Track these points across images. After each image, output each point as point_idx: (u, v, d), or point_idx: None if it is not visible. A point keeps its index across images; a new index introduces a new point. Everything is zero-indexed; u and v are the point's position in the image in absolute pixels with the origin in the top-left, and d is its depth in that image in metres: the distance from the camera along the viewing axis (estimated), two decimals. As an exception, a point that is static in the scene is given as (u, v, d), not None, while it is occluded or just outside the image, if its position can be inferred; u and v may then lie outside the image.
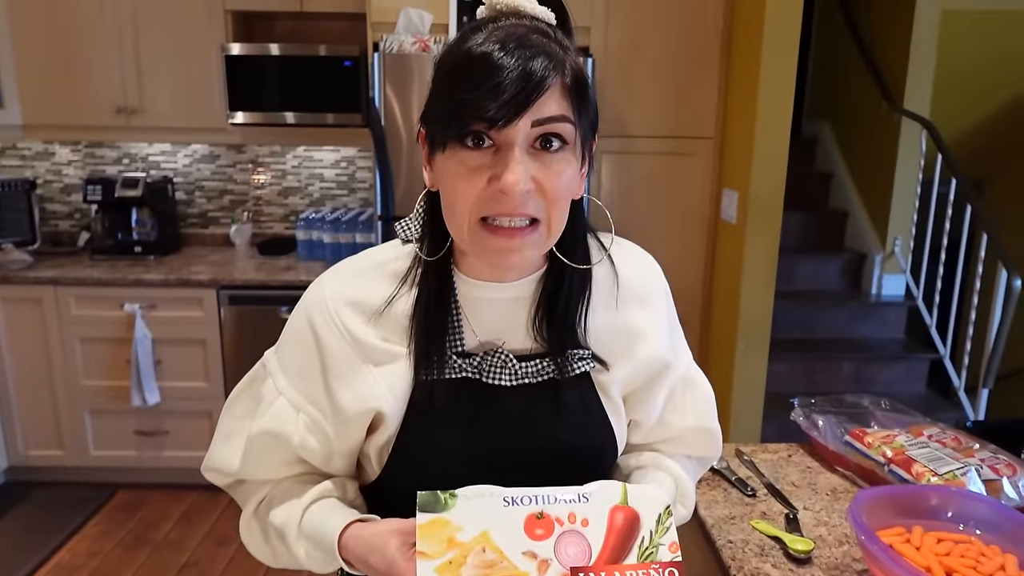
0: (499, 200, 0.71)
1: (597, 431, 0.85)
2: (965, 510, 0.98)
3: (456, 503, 0.71)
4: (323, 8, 2.93)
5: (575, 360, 0.82)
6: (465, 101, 0.68)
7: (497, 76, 0.67)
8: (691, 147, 2.85)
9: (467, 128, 0.70)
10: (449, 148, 0.72)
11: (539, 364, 0.82)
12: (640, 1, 2.72)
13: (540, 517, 0.72)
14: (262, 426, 0.83)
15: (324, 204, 3.41)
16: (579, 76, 0.74)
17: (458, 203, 0.73)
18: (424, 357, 0.80)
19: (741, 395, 2.74)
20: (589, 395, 0.85)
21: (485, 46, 0.69)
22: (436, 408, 0.80)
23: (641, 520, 0.73)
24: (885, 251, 3.78)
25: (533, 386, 0.82)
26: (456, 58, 0.72)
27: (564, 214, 0.76)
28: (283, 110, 2.92)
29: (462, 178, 0.72)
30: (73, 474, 3.04)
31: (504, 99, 0.67)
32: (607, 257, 0.87)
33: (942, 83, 3.66)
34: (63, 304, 2.83)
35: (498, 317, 0.83)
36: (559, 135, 0.72)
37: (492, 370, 0.81)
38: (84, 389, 2.92)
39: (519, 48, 0.69)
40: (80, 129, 3.07)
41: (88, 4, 2.90)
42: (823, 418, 1.34)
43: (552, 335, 0.82)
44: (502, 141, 0.70)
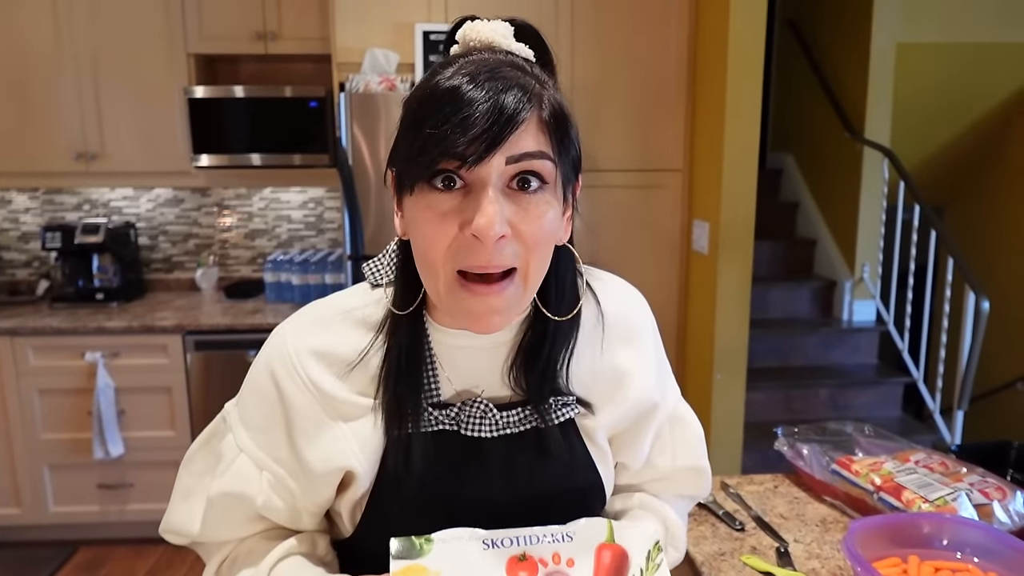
0: (473, 249, 0.64)
1: (583, 478, 0.81)
2: (960, 537, 0.95)
3: (432, 548, 0.67)
4: (288, 50, 2.92)
5: (559, 407, 0.77)
6: (432, 137, 0.62)
7: (466, 109, 0.61)
8: (660, 180, 2.87)
9: (434, 166, 0.63)
10: (418, 191, 0.65)
11: (521, 413, 0.77)
12: (605, 37, 2.76)
13: (522, 559, 0.68)
14: (222, 487, 0.77)
15: (292, 246, 3.36)
16: (558, 111, 0.68)
17: (430, 252, 0.66)
18: (396, 412, 0.74)
19: (720, 426, 2.72)
20: (574, 442, 0.80)
21: (454, 79, 0.63)
22: (412, 464, 0.74)
23: (630, 558, 0.69)
24: (854, 277, 3.82)
25: (514, 436, 0.77)
26: (423, 93, 0.66)
27: (544, 261, 0.69)
28: (249, 152, 2.88)
29: (432, 223, 0.65)
30: (31, 532, 2.91)
31: (474, 133, 0.61)
32: (592, 296, 0.82)
33: (900, 113, 3.75)
34: (20, 355, 2.73)
35: (475, 364, 0.77)
36: (537, 174, 0.65)
37: (471, 421, 0.75)
38: (43, 443, 2.80)
39: (490, 80, 0.63)
40: (38, 176, 3.00)
41: (45, 47, 2.86)
42: (807, 447, 1.32)
43: (532, 384, 0.76)
44: (474, 181, 0.64)
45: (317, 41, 2.89)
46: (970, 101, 3.94)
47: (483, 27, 0.70)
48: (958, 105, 3.94)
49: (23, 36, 2.85)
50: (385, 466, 0.75)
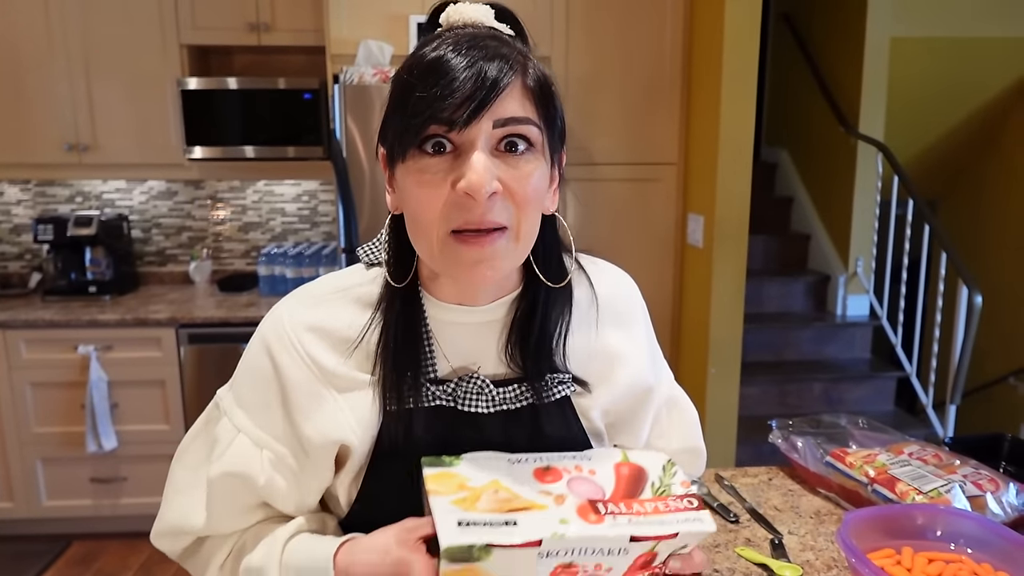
0: (465, 207, 0.66)
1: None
2: (954, 528, 0.96)
3: (461, 463, 0.72)
4: (281, 42, 2.90)
5: (555, 384, 0.78)
6: (421, 101, 0.65)
7: (451, 74, 0.64)
8: (655, 173, 2.87)
9: (423, 131, 0.65)
10: (409, 159, 0.68)
11: (517, 389, 0.77)
12: (600, 31, 2.75)
13: (547, 469, 0.72)
14: (222, 468, 0.75)
15: (286, 239, 3.35)
16: (543, 81, 0.70)
17: (423, 215, 0.68)
18: (394, 387, 0.74)
19: (714, 419, 2.72)
20: (570, 419, 0.80)
21: (439, 50, 0.66)
22: (411, 439, 0.75)
23: (647, 471, 0.74)
24: (848, 272, 3.83)
25: (511, 412, 0.77)
26: (410, 66, 0.68)
27: (534, 222, 0.71)
28: (242, 144, 2.87)
29: (424, 186, 0.67)
30: (24, 526, 2.89)
31: (460, 97, 0.63)
32: (585, 278, 0.84)
33: (894, 107, 3.76)
34: (12, 348, 2.71)
35: (471, 341, 0.78)
36: (524, 136, 0.68)
37: (468, 397, 0.76)
38: (36, 436, 2.78)
39: (474, 49, 0.66)
40: (29, 167, 2.97)
41: (37, 38, 2.83)
42: (802, 440, 1.32)
43: (527, 360, 0.77)
44: (463, 144, 0.66)
45: (311, 32, 2.87)
46: (964, 95, 3.94)
47: (465, 9, 0.72)
48: (952, 99, 3.95)
49: (14, 26, 2.82)
50: (381, 441, 0.75)
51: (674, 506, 0.68)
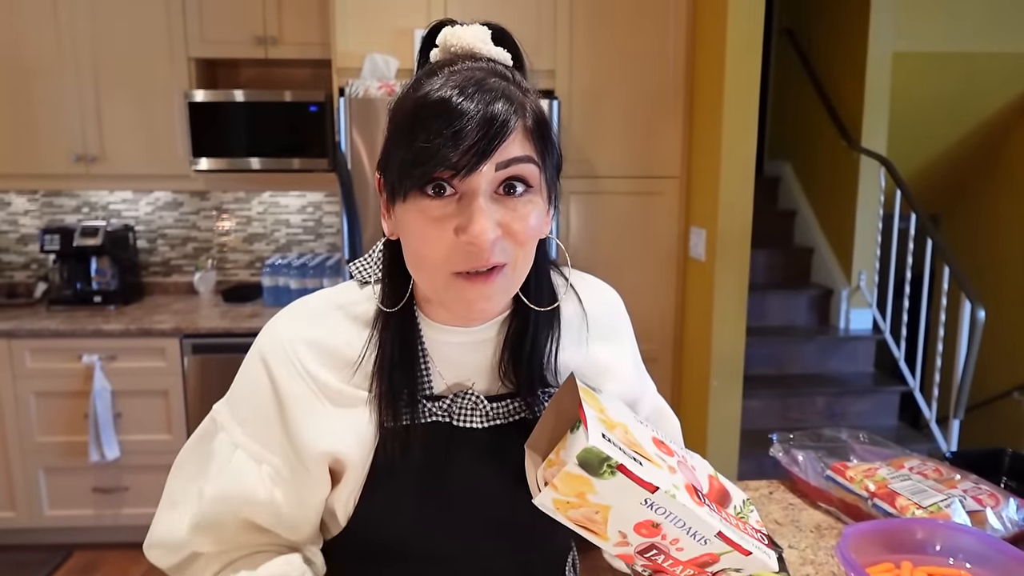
0: (469, 254, 0.67)
1: None
2: (953, 543, 0.96)
3: (602, 393, 0.77)
4: (288, 55, 2.93)
5: (546, 399, 0.80)
6: (425, 149, 0.64)
7: (457, 123, 0.64)
8: (658, 186, 2.88)
9: (428, 177, 0.65)
10: (410, 198, 0.68)
11: (510, 405, 0.79)
12: (604, 45, 2.77)
13: (662, 443, 0.75)
14: (220, 486, 0.75)
15: (291, 250, 3.36)
16: (540, 118, 0.71)
17: (426, 255, 0.69)
18: (391, 405, 0.75)
19: (716, 432, 2.72)
20: None
21: (443, 91, 0.66)
22: (408, 455, 0.75)
23: (731, 495, 0.77)
24: (851, 286, 3.83)
25: (504, 427, 0.79)
26: (413, 104, 0.68)
27: (529, 258, 0.73)
28: (248, 156, 2.89)
29: (427, 228, 0.67)
30: (25, 536, 2.90)
31: (466, 145, 0.63)
32: (574, 294, 0.85)
33: (897, 121, 3.77)
34: (17, 357, 2.73)
35: (465, 359, 0.79)
36: (523, 179, 0.68)
37: (463, 412, 0.77)
38: (39, 446, 2.79)
39: (479, 92, 0.65)
40: (37, 178, 3.00)
41: (46, 49, 2.87)
42: (802, 453, 1.32)
43: (520, 376, 0.79)
44: (465, 189, 0.67)
45: (317, 46, 2.90)
46: (966, 110, 3.96)
47: (463, 33, 0.73)
48: (954, 114, 3.96)
49: (24, 37, 2.86)
50: (378, 457, 0.76)
51: (752, 532, 0.73)
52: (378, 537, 0.74)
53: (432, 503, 0.76)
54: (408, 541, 0.77)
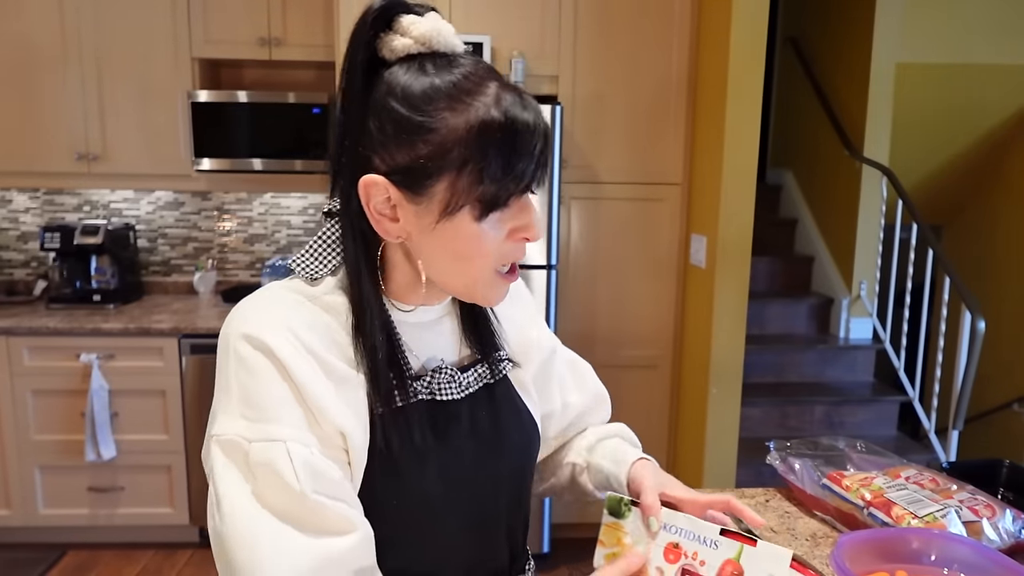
0: (520, 250, 0.76)
1: (528, 427, 0.91)
2: (948, 553, 0.95)
3: (631, 513, 0.86)
4: (292, 56, 2.94)
5: (500, 361, 0.88)
6: (523, 171, 0.71)
7: (537, 145, 0.71)
8: (659, 193, 2.88)
9: (526, 192, 0.73)
10: (471, 217, 0.71)
11: (474, 372, 0.85)
12: (607, 51, 2.77)
13: (676, 547, 0.83)
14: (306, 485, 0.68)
15: (291, 251, 3.36)
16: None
17: (478, 260, 0.74)
18: (385, 389, 0.75)
19: (715, 439, 2.71)
20: (514, 394, 0.90)
21: (525, 115, 0.70)
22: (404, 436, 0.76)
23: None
24: (851, 295, 3.83)
25: (475, 394, 0.85)
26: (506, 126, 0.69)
27: None
28: (250, 157, 2.90)
29: (488, 234, 0.73)
30: (20, 534, 2.89)
31: (541, 162, 0.72)
32: None
33: (899, 132, 3.77)
34: (15, 355, 2.72)
35: (430, 337, 0.84)
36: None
37: (443, 387, 0.81)
38: (35, 444, 2.79)
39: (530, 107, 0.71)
40: (39, 176, 3.01)
41: (51, 47, 2.88)
42: (799, 461, 1.32)
43: (482, 340, 0.88)
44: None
45: (321, 48, 2.91)
46: (969, 122, 3.96)
47: (443, 28, 0.72)
48: (957, 126, 3.96)
49: (28, 35, 2.86)
50: (375, 441, 0.74)
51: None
52: (381, 523, 0.75)
53: (429, 481, 0.78)
54: (410, 521, 0.78)
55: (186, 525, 2.88)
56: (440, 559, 0.82)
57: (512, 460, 0.87)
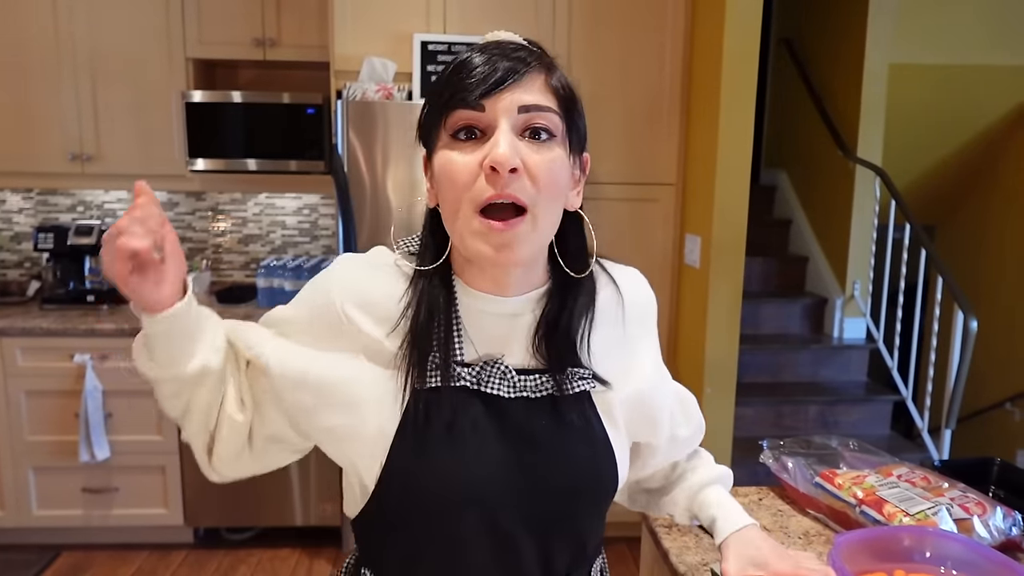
0: (491, 180, 0.72)
1: (598, 450, 0.84)
2: (942, 550, 0.96)
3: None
4: (287, 57, 2.93)
5: (575, 379, 0.81)
6: (444, 93, 0.74)
7: (474, 67, 0.73)
8: (653, 193, 2.89)
9: (446, 112, 0.73)
10: (443, 147, 0.75)
11: (538, 379, 0.81)
12: (601, 52, 2.78)
13: None
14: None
15: (286, 251, 3.36)
16: (567, 85, 0.78)
17: (455, 191, 0.74)
18: (420, 365, 0.77)
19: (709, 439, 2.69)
20: (589, 413, 0.84)
21: (467, 55, 0.75)
22: (438, 415, 0.77)
23: None
24: (845, 295, 3.84)
25: (532, 400, 0.81)
26: (444, 70, 0.77)
27: (553, 210, 0.77)
28: (245, 157, 2.89)
29: (456, 165, 0.73)
30: (13, 536, 2.88)
31: (477, 78, 0.72)
32: (610, 279, 0.90)
33: (893, 133, 3.79)
34: (8, 355, 2.72)
35: (497, 331, 0.82)
36: (547, 128, 0.74)
37: (491, 381, 0.79)
38: (28, 445, 2.78)
39: (497, 50, 0.74)
40: (33, 176, 3.00)
41: (44, 47, 2.87)
42: (792, 460, 1.32)
43: (552, 353, 0.81)
44: (489, 127, 0.73)
45: (316, 49, 2.91)
46: (962, 123, 3.98)
47: (499, 33, 0.80)
48: (950, 126, 3.98)
49: (22, 35, 2.86)
50: (407, 417, 0.78)
51: None
52: (408, 501, 0.76)
53: (457, 467, 0.77)
54: (431, 506, 0.78)
55: (180, 526, 2.87)
56: (452, 553, 0.80)
57: (567, 478, 0.81)
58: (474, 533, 0.79)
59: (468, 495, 0.77)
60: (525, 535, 0.81)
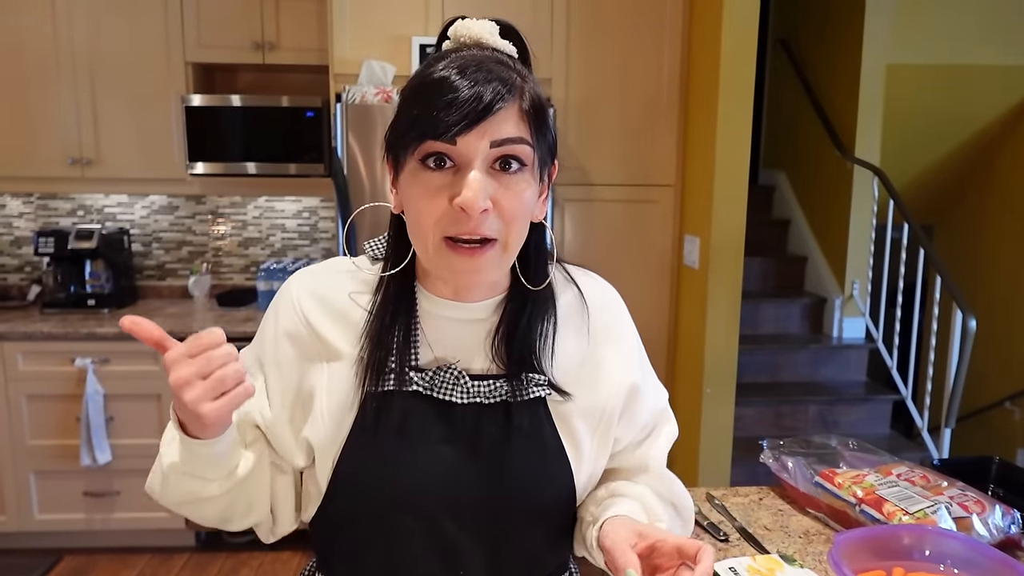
0: (460, 220, 0.71)
1: (550, 458, 0.82)
2: (942, 549, 0.96)
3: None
4: (286, 60, 2.94)
5: (530, 384, 0.81)
6: (419, 118, 0.71)
7: (452, 95, 0.69)
8: (652, 194, 2.89)
9: (421, 141, 0.71)
10: (412, 170, 0.74)
11: (492, 384, 0.81)
12: (599, 53, 2.79)
13: None
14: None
15: (286, 254, 3.37)
16: (537, 102, 0.76)
17: (422, 221, 0.74)
18: (375, 367, 0.79)
19: (709, 439, 2.73)
20: (543, 421, 0.82)
21: (444, 71, 0.72)
22: (386, 419, 0.79)
23: None
24: (844, 295, 3.85)
25: (484, 406, 0.81)
26: (416, 82, 0.74)
27: (522, 234, 0.77)
28: (244, 160, 2.90)
29: (424, 198, 0.73)
30: (15, 540, 2.88)
31: (459, 115, 0.69)
32: (574, 286, 0.88)
33: (890, 132, 3.80)
34: (9, 360, 2.72)
35: (456, 336, 0.83)
36: (517, 157, 0.73)
37: (444, 386, 0.80)
38: (30, 449, 2.78)
39: (476, 72, 0.71)
40: (33, 180, 3.00)
41: (43, 52, 2.87)
42: (792, 460, 1.33)
43: (510, 358, 0.81)
44: (461, 161, 0.72)
45: (315, 52, 2.91)
46: (959, 122, 3.98)
47: (472, 25, 0.78)
48: (947, 126, 3.99)
49: (21, 40, 2.86)
50: (358, 419, 0.79)
51: None
52: (354, 503, 0.78)
53: (407, 473, 0.78)
54: (380, 507, 0.79)
55: (182, 529, 2.88)
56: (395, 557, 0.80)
57: (511, 484, 0.80)
58: (415, 538, 0.79)
59: (405, 498, 0.78)
60: (471, 544, 0.80)
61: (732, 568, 0.97)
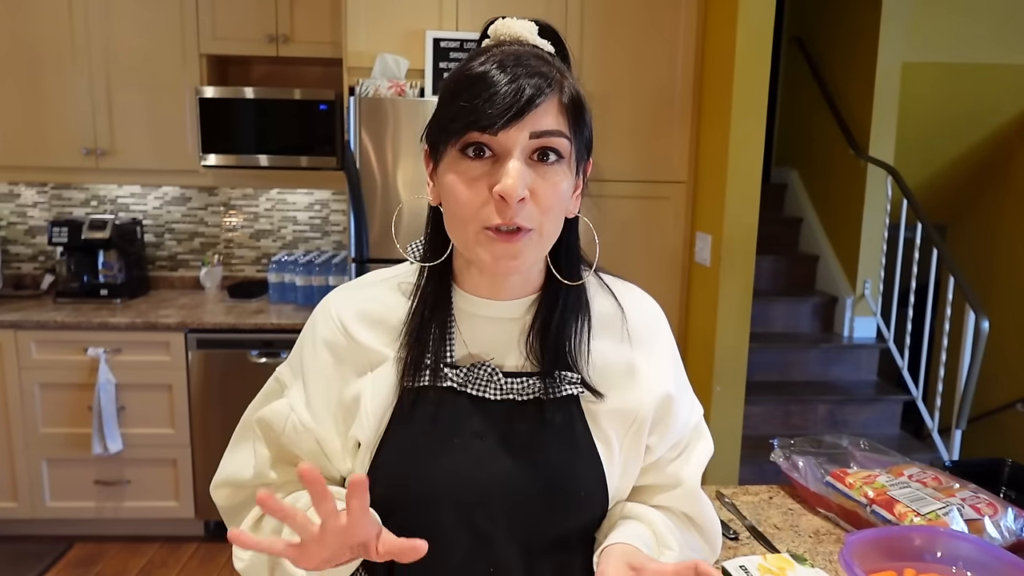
0: (499, 208, 0.73)
1: (582, 455, 0.82)
2: (953, 551, 0.96)
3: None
4: (299, 53, 2.94)
5: (563, 382, 0.81)
6: (463, 109, 0.72)
7: (494, 87, 0.71)
8: (664, 191, 2.89)
9: (463, 135, 0.73)
10: (451, 159, 0.75)
11: (525, 382, 0.82)
12: (613, 50, 2.78)
13: None
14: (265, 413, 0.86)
15: (297, 247, 3.38)
16: (576, 98, 0.77)
17: (461, 211, 0.75)
18: (412, 364, 0.81)
19: (718, 437, 2.70)
20: (575, 419, 0.83)
21: (486, 65, 0.74)
22: (422, 413, 0.80)
23: None
24: (855, 294, 3.83)
25: (517, 403, 0.82)
26: (459, 76, 0.76)
27: (557, 224, 0.78)
28: (257, 153, 2.91)
29: (464, 187, 0.74)
30: (27, 527, 2.91)
31: (499, 108, 0.70)
32: (610, 293, 0.89)
33: (905, 131, 3.77)
34: (23, 349, 2.74)
35: (490, 334, 0.84)
36: (555, 149, 0.75)
37: (478, 382, 0.81)
38: (42, 437, 2.81)
39: (517, 67, 0.73)
40: (47, 170, 3.02)
41: (59, 43, 2.89)
42: (803, 459, 1.33)
43: (544, 355, 0.82)
44: (500, 151, 0.73)
45: (328, 45, 2.92)
46: (974, 121, 3.95)
47: (512, 24, 0.80)
48: (962, 125, 3.96)
49: (38, 31, 2.88)
50: (395, 415, 0.81)
51: None
52: (389, 493, 0.78)
53: (434, 462, 0.80)
54: (413, 498, 0.80)
55: (192, 518, 2.90)
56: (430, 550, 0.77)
57: (542, 479, 0.80)
58: (453, 530, 0.80)
59: (438, 489, 0.79)
60: (505, 539, 0.80)
61: (743, 566, 0.97)
